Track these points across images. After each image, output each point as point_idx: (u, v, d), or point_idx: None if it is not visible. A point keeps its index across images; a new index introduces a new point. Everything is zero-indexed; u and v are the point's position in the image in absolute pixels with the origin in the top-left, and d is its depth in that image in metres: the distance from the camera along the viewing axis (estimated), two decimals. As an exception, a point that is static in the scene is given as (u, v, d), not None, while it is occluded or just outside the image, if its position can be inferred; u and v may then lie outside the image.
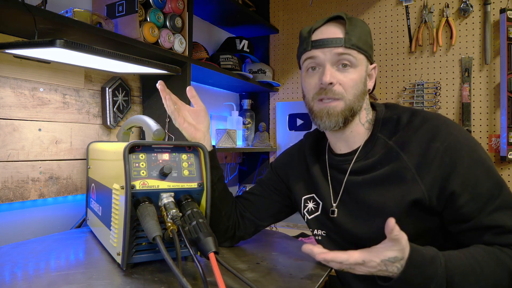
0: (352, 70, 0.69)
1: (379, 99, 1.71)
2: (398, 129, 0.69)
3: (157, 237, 0.59)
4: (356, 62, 0.69)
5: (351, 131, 0.73)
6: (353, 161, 0.73)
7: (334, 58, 0.69)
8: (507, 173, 1.49)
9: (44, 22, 0.80)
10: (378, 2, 1.70)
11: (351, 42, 0.68)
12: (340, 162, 0.76)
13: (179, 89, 1.25)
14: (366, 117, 0.74)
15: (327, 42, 0.68)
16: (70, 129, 1.07)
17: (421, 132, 0.66)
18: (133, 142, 0.66)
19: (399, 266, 0.56)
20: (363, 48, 0.69)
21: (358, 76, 0.70)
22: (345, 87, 0.69)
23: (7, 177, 0.91)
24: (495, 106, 1.50)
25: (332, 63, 0.69)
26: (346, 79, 0.69)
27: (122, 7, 1.06)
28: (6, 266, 0.69)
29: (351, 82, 0.69)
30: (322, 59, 0.69)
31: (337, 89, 0.69)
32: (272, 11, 1.96)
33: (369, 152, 0.72)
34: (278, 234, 1.05)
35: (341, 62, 0.69)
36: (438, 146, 0.64)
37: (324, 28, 0.70)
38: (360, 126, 0.74)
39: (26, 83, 0.96)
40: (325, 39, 0.69)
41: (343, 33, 0.68)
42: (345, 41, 0.68)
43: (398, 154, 0.67)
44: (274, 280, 0.66)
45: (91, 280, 0.62)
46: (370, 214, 0.69)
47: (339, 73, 0.69)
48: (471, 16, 1.54)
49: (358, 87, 0.70)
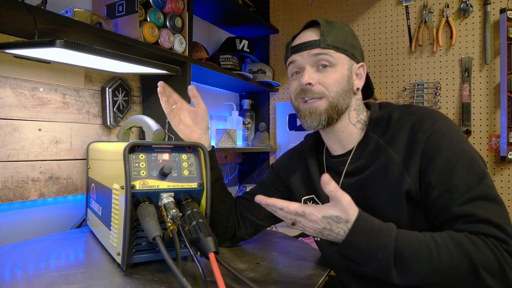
0: (332, 70, 0.71)
1: (379, 99, 1.71)
2: (389, 127, 0.70)
3: (157, 237, 0.59)
4: (334, 61, 0.71)
5: (343, 132, 0.74)
6: (348, 162, 0.74)
7: (312, 60, 0.71)
8: (507, 173, 1.49)
9: (44, 22, 0.81)
10: (378, 2, 1.70)
11: (326, 42, 0.70)
12: (335, 163, 0.76)
13: (179, 89, 1.25)
14: (357, 117, 0.75)
15: (304, 46, 0.72)
16: (70, 129, 1.07)
17: (407, 126, 0.67)
18: (133, 142, 0.66)
19: (344, 229, 0.56)
20: (341, 48, 0.71)
21: (339, 75, 0.71)
22: (326, 85, 0.71)
23: (7, 177, 0.91)
24: (495, 106, 1.51)
25: (311, 65, 0.72)
26: (326, 78, 0.71)
27: (122, 7, 1.07)
28: (6, 266, 0.69)
29: (331, 80, 0.71)
30: (301, 62, 0.73)
31: (317, 88, 0.71)
32: (272, 11, 1.96)
33: (362, 152, 0.72)
34: (278, 234, 1.05)
35: (320, 63, 0.71)
36: (421, 137, 0.64)
37: (302, 34, 0.75)
38: (351, 126, 0.74)
39: (26, 83, 0.96)
40: (302, 43, 0.72)
41: (319, 35, 0.71)
42: (320, 42, 0.70)
43: (386, 151, 0.68)
44: (274, 280, 0.66)
45: (91, 280, 0.62)
46: None
47: (319, 73, 0.71)
48: (471, 16, 1.54)
49: (340, 85, 0.71)
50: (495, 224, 0.57)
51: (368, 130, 0.73)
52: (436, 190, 0.61)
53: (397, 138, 0.67)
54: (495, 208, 0.59)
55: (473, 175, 0.61)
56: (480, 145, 1.52)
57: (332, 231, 0.57)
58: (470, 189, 0.59)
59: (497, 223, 0.57)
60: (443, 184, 0.61)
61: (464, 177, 0.60)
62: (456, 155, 0.62)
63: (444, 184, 0.61)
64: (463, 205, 0.59)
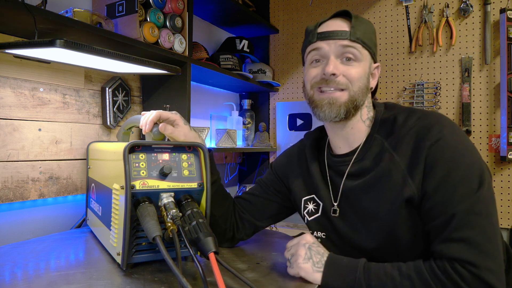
0: (356, 64, 0.70)
1: (379, 99, 1.71)
2: (394, 130, 0.69)
3: (157, 237, 0.59)
4: (360, 57, 0.70)
5: (352, 128, 0.73)
6: (351, 163, 0.73)
7: (338, 50, 0.69)
8: (507, 173, 1.49)
9: (44, 22, 0.81)
10: (378, 2, 1.71)
11: (356, 35, 0.69)
12: (337, 163, 0.76)
13: (179, 89, 1.26)
14: (368, 114, 0.74)
15: (332, 34, 0.69)
16: (70, 129, 1.07)
17: (413, 132, 0.66)
18: (133, 142, 0.66)
19: (317, 261, 0.65)
20: (368, 44, 0.70)
21: (362, 71, 0.70)
22: (350, 78, 0.69)
23: (7, 177, 0.91)
24: (495, 106, 1.51)
25: (337, 55, 0.70)
26: (350, 71, 0.69)
27: (122, 7, 1.07)
28: (6, 266, 0.69)
29: (356, 75, 0.69)
30: (326, 51, 0.70)
31: (341, 80, 0.69)
32: (272, 11, 1.97)
33: (366, 153, 0.71)
34: (278, 234, 1.05)
35: (346, 55, 0.69)
36: (426, 144, 0.63)
37: (330, 21, 0.72)
38: (361, 123, 0.73)
39: (26, 83, 0.96)
40: (331, 31, 0.70)
41: (349, 27, 0.70)
42: (350, 34, 0.69)
43: (391, 155, 0.67)
44: (274, 280, 0.66)
45: (91, 280, 0.62)
46: (367, 219, 0.69)
47: (343, 65, 0.70)
48: (471, 16, 1.54)
49: (362, 81, 0.70)
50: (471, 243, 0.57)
51: (373, 130, 0.72)
52: (430, 201, 0.62)
53: (402, 143, 0.66)
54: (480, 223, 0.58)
55: (468, 189, 0.60)
56: (480, 145, 1.53)
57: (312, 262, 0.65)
58: (460, 203, 0.59)
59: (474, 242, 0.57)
60: (438, 196, 0.61)
61: (459, 190, 0.60)
62: (455, 166, 0.61)
63: (439, 196, 0.61)
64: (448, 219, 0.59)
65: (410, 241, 0.65)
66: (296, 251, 0.67)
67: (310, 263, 0.65)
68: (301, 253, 0.66)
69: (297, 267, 0.65)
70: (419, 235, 0.65)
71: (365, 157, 0.71)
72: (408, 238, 0.66)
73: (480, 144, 1.53)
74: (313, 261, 0.65)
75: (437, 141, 0.63)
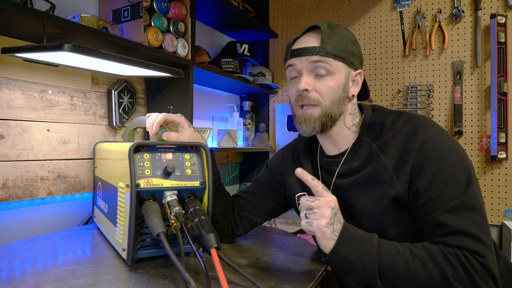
0: (329, 78, 0.71)
1: (374, 101, 1.75)
2: (382, 133, 0.71)
3: (161, 233, 0.60)
4: (332, 70, 0.70)
5: (337, 135, 0.75)
6: (341, 164, 0.75)
7: (310, 66, 0.71)
8: (497, 172, 1.51)
9: (52, 27, 0.81)
10: (373, 8, 1.73)
11: (326, 50, 0.70)
12: (329, 163, 0.78)
13: (182, 91, 1.26)
14: (353, 121, 0.76)
15: (303, 51, 0.71)
16: (78, 130, 1.09)
17: (400, 134, 0.68)
18: (138, 142, 0.67)
19: (337, 229, 0.61)
20: (340, 56, 0.71)
21: (336, 83, 0.71)
22: (321, 93, 0.71)
23: (17, 176, 0.93)
24: (485, 107, 1.53)
25: (309, 71, 0.72)
26: (322, 86, 0.71)
27: (128, 12, 1.08)
28: (16, 261, 0.70)
29: (327, 89, 0.71)
30: (299, 67, 0.72)
31: (312, 95, 0.71)
32: (271, 16, 1.99)
33: (355, 155, 0.74)
34: (277, 230, 1.06)
35: (316, 71, 0.71)
36: (413, 146, 0.65)
37: (302, 38, 0.74)
38: (346, 130, 0.75)
39: (35, 85, 0.97)
40: (301, 48, 0.72)
41: (319, 42, 0.71)
42: (319, 49, 0.70)
43: (378, 156, 0.69)
44: (273, 275, 0.67)
45: (97, 275, 0.63)
46: (355, 215, 0.72)
47: (316, 80, 0.71)
48: (463, 21, 1.57)
49: (335, 93, 0.71)
50: (472, 235, 0.59)
51: (361, 134, 0.74)
52: (423, 198, 0.63)
53: (390, 145, 0.69)
54: (474, 217, 0.60)
55: (459, 184, 0.62)
56: (471, 145, 1.55)
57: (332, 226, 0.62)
58: (454, 198, 0.61)
59: (474, 234, 0.59)
60: (430, 192, 0.63)
61: (449, 186, 0.62)
62: (445, 164, 0.63)
63: (431, 192, 0.63)
64: (444, 214, 0.61)
65: (397, 238, 0.66)
66: (320, 209, 0.62)
67: (331, 229, 0.61)
68: (326, 215, 0.61)
69: (318, 228, 0.61)
70: (406, 232, 0.68)
71: (354, 158, 0.74)
72: (395, 235, 0.68)
73: (471, 144, 1.55)
74: (334, 228, 0.62)
75: (424, 143, 0.65)
